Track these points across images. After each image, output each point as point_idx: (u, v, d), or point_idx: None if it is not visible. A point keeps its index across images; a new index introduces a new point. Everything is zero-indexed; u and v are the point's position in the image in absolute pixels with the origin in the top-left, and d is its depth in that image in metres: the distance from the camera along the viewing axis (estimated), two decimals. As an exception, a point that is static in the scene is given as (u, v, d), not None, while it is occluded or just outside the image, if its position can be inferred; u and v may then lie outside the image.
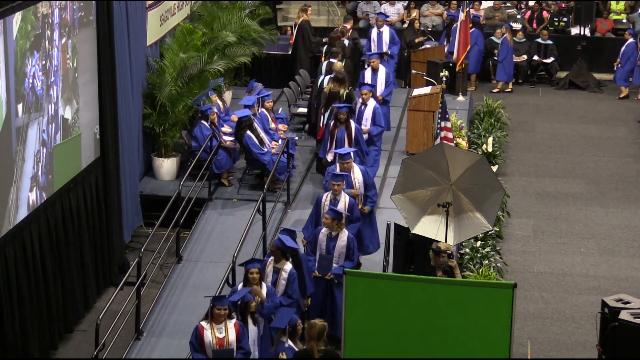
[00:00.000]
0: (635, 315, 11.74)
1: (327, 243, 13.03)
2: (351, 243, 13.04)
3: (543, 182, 19.24)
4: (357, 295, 10.27)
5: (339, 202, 13.63)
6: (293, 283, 12.36)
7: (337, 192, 13.73)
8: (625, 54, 23.84)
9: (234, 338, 11.17)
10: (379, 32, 22.35)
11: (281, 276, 12.34)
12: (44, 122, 12.97)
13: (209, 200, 16.80)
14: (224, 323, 11.19)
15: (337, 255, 13.02)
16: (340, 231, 13.04)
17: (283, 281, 12.34)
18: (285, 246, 12.41)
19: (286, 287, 12.34)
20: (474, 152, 17.70)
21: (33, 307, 12.66)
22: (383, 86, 18.67)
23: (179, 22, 19.02)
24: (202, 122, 17.32)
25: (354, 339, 10.32)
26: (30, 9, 12.41)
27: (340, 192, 13.74)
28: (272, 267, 12.43)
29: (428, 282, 10.33)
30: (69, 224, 13.70)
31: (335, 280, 12.95)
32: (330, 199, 13.74)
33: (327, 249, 13.02)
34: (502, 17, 26.10)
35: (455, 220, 12.56)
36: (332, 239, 13.03)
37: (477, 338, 10.08)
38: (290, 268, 12.41)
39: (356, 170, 14.44)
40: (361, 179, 14.42)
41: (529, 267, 15.91)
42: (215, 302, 11.20)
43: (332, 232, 13.02)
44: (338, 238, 13.02)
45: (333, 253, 12.99)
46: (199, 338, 11.19)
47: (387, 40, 22.31)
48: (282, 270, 12.37)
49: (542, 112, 23.24)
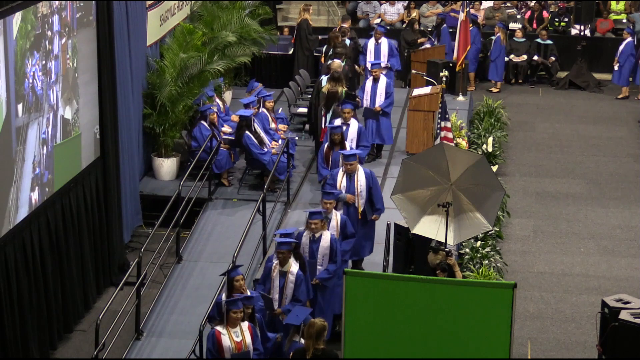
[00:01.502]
0: (635, 315, 11.74)
1: (310, 246, 12.87)
2: (334, 244, 12.94)
3: (543, 182, 19.24)
4: (357, 295, 10.27)
5: (330, 221, 13.34)
6: (300, 285, 12.27)
7: (328, 210, 13.39)
8: (623, 53, 23.84)
9: (249, 340, 11.19)
10: (377, 43, 21.26)
11: (288, 279, 12.25)
12: (44, 122, 12.97)
13: (209, 200, 16.81)
14: (239, 326, 11.19)
15: (321, 258, 12.90)
16: (323, 232, 12.93)
17: (291, 284, 12.24)
18: (293, 245, 12.35)
19: (294, 290, 12.24)
20: (474, 152, 17.70)
21: (33, 306, 12.65)
22: (383, 97, 18.05)
23: (179, 22, 19.02)
24: (201, 122, 17.33)
25: (354, 339, 10.32)
26: (30, 9, 12.41)
27: (331, 211, 13.41)
28: (278, 271, 12.31)
29: (428, 282, 10.33)
30: (69, 224, 13.70)
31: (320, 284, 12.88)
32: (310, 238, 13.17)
33: (310, 252, 12.86)
34: (502, 17, 26.11)
35: (455, 220, 12.56)
36: (314, 241, 12.89)
37: (477, 338, 10.08)
38: (297, 270, 12.30)
39: (360, 173, 14.22)
40: (364, 182, 14.17)
41: (529, 267, 15.91)
42: (231, 307, 11.16)
43: (314, 234, 12.87)
44: (321, 239, 12.90)
45: (317, 256, 12.85)
46: (217, 344, 11.12)
47: (385, 52, 21.24)
48: (288, 274, 12.26)
49: (542, 112, 23.24)
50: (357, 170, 14.23)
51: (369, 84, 18.17)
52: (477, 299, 10.05)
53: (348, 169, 14.22)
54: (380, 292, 10.25)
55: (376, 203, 14.25)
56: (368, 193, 14.18)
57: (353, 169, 14.22)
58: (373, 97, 18.05)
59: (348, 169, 14.22)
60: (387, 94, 18.06)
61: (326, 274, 12.89)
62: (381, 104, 17.99)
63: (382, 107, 17.99)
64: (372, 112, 18.04)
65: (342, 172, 14.28)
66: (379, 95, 18.02)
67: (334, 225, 13.33)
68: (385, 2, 26.37)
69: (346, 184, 14.18)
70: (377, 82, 18.11)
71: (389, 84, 18.25)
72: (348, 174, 14.21)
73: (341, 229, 13.40)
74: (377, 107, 17.95)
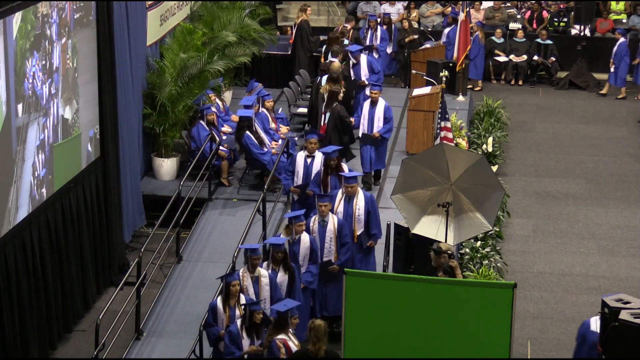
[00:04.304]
0: (635, 315, 11.72)
1: (290, 249, 12.77)
2: (313, 244, 12.88)
3: (543, 182, 19.24)
4: (357, 295, 10.26)
5: (327, 224, 13.14)
6: (276, 286, 12.17)
7: (324, 213, 13.18)
8: (617, 54, 23.81)
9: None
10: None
11: (262, 282, 12.14)
12: (44, 122, 12.97)
13: (209, 200, 16.81)
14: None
15: (302, 259, 12.83)
16: (302, 234, 12.84)
17: (266, 287, 12.13)
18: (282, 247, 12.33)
19: (272, 291, 12.12)
20: (474, 152, 17.70)
21: (33, 307, 12.65)
22: (381, 122, 16.76)
23: (179, 22, 19.02)
24: (199, 122, 17.35)
25: (354, 339, 10.31)
26: (30, 9, 12.41)
27: (327, 214, 13.18)
28: (249, 277, 12.17)
29: (428, 282, 10.32)
30: (69, 224, 13.70)
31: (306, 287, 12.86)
32: (319, 222, 13.17)
33: (291, 255, 12.75)
34: (502, 17, 26.11)
35: (455, 220, 12.56)
36: (294, 244, 12.79)
37: (477, 338, 10.07)
38: (266, 272, 12.19)
39: (360, 197, 13.63)
40: (363, 206, 13.59)
41: (529, 267, 15.91)
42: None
43: (294, 236, 12.78)
44: (300, 242, 12.83)
45: (298, 258, 12.76)
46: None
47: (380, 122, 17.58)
48: (260, 277, 12.15)
49: (542, 112, 23.24)
50: (357, 193, 13.70)
51: (366, 107, 16.98)
52: (477, 299, 10.04)
53: (349, 191, 13.64)
54: (380, 292, 10.24)
55: (372, 228, 13.69)
56: (366, 217, 13.67)
57: (354, 191, 13.64)
58: (371, 122, 16.87)
59: (349, 192, 13.64)
60: (385, 118, 16.84)
61: (309, 276, 12.86)
62: (380, 130, 16.82)
63: (381, 133, 16.85)
64: (370, 139, 16.95)
65: (341, 194, 13.73)
66: (377, 120, 16.80)
67: (330, 229, 13.17)
68: (385, 2, 26.37)
69: (344, 207, 13.64)
70: (375, 106, 16.89)
71: (387, 107, 16.90)
72: (347, 197, 13.67)
73: (337, 233, 13.17)
74: (375, 133, 16.80)
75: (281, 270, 12.40)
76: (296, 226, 12.84)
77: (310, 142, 14.93)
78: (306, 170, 14.80)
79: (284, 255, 12.41)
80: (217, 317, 11.79)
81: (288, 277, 12.39)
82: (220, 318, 11.76)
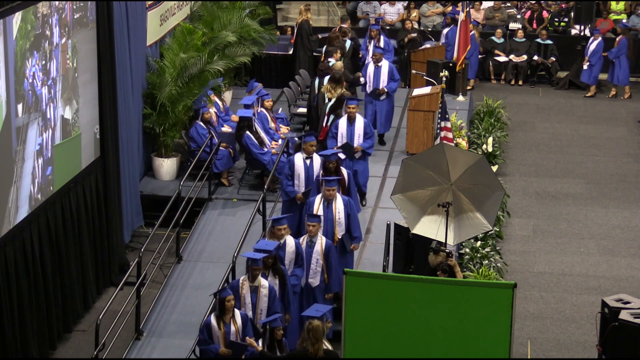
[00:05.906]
0: (635, 315, 11.75)
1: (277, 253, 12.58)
2: (299, 248, 12.80)
3: (543, 182, 19.24)
4: (357, 295, 10.27)
5: (315, 244, 12.89)
6: (275, 297, 11.98)
7: (312, 233, 12.87)
8: (595, 52, 23.69)
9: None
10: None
11: (261, 293, 11.94)
12: (44, 122, 12.97)
13: (209, 200, 16.81)
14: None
15: (288, 263, 12.71)
16: (287, 237, 12.75)
17: (265, 298, 11.91)
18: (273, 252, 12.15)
19: (270, 302, 11.91)
20: (474, 152, 17.70)
21: (32, 307, 12.65)
22: (361, 139, 16.05)
23: (179, 22, 19.02)
24: (197, 122, 17.36)
25: (354, 339, 10.32)
26: (30, 9, 12.41)
27: (316, 234, 12.86)
28: (248, 286, 11.98)
29: (428, 282, 10.33)
30: (69, 224, 13.70)
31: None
32: (307, 242, 12.97)
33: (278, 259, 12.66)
34: (502, 17, 26.11)
35: (455, 220, 12.56)
36: (279, 248, 12.62)
37: (477, 338, 10.08)
38: (267, 283, 12.01)
39: (338, 201, 13.51)
40: (342, 209, 13.49)
41: (529, 267, 15.91)
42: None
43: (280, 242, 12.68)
44: (286, 245, 12.75)
45: (284, 262, 12.64)
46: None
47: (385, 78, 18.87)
48: (260, 287, 11.94)
49: (542, 112, 23.24)
50: (335, 197, 13.54)
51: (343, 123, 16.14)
52: (477, 299, 10.05)
53: (328, 194, 13.49)
54: (380, 292, 10.25)
55: (353, 231, 13.59)
56: (347, 220, 13.56)
57: (332, 195, 13.49)
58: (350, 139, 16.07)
59: (328, 195, 13.49)
60: (365, 134, 16.07)
61: (295, 280, 12.77)
62: (362, 144, 16.02)
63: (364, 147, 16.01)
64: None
65: (319, 199, 13.59)
66: (357, 137, 16.01)
67: (318, 250, 12.88)
68: (385, 2, 26.37)
69: (323, 211, 13.48)
70: (353, 123, 16.07)
71: (366, 124, 16.19)
72: (326, 201, 13.53)
73: (325, 254, 12.90)
74: (357, 147, 15.98)
75: (271, 274, 12.22)
76: (276, 229, 12.73)
77: (308, 144, 14.79)
78: (307, 172, 14.69)
79: (274, 261, 12.27)
80: (211, 334, 11.45)
81: (279, 281, 12.24)
82: (216, 335, 11.41)
